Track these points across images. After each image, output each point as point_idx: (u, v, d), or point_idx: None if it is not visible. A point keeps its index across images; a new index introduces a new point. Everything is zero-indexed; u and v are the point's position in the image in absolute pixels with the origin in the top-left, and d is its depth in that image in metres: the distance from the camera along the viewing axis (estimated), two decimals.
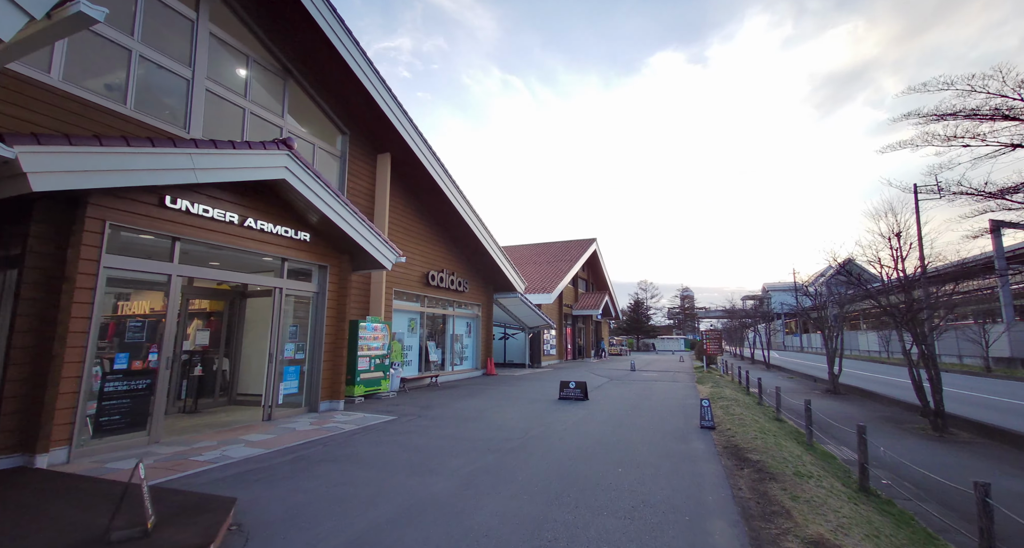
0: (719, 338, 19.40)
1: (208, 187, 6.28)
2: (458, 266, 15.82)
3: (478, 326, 17.30)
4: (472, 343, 17.12)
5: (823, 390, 15.44)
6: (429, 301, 14.46)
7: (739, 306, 50.45)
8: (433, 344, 14.79)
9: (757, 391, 12.05)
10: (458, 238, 15.68)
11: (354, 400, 9.57)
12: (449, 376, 14.99)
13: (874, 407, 12.33)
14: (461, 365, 16.30)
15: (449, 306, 15.68)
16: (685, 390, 12.81)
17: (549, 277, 24.62)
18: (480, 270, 17.16)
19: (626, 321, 61.48)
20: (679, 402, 10.40)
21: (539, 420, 7.90)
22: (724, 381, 16.08)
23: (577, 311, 28.82)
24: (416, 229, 13.68)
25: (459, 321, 16.32)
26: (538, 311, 19.98)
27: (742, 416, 8.24)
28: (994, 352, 28.51)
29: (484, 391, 12.07)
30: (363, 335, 10.05)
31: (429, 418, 7.93)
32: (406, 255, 12.86)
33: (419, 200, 13.81)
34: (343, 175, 10.91)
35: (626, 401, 10.45)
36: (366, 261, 9.02)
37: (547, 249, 30.64)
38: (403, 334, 13.22)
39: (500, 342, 23.59)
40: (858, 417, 10.90)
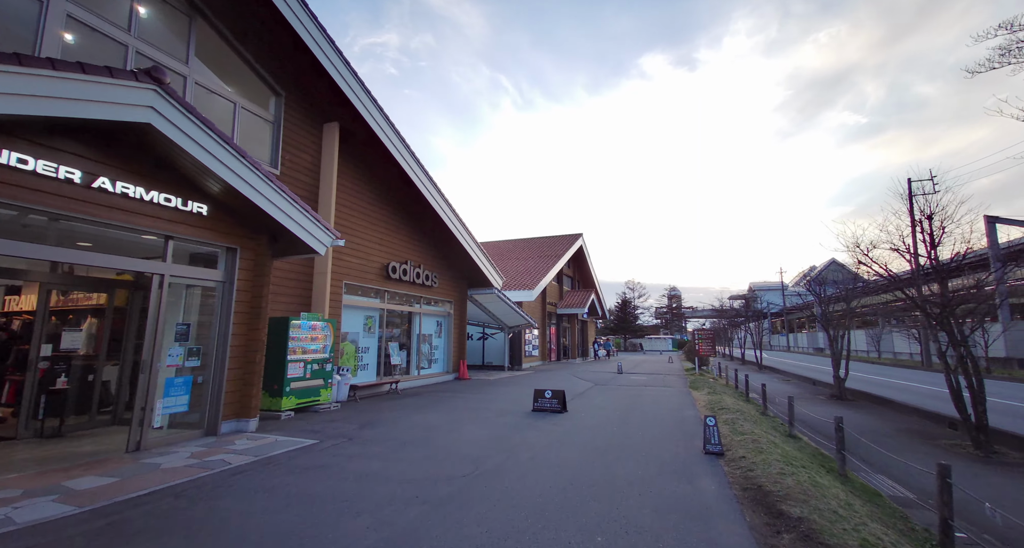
0: (712, 338, 17.86)
1: (25, 128, 4.42)
2: (426, 258, 14.02)
3: (450, 325, 15.50)
4: (443, 344, 15.32)
5: (828, 395, 13.95)
6: (391, 297, 12.65)
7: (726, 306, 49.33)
8: (396, 346, 12.97)
9: (761, 399, 10.45)
10: (426, 227, 13.89)
11: (280, 416, 7.73)
12: (414, 381, 13.18)
13: (891, 417, 10.82)
14: (429, 368, 14.50)
15: (415, 302, 13.87)
16: (679, 398, 11.17)
17: (531, 273, 22.91)
18: (452, 263, 15.38)
19: (614, 320, 60.12)
20: (674, 414, 8.74)
21: (500, 444, 6.16)
22: (719, 385, 14.52)
23: (562, 310, 27.17)
24: (375, 215, 11.85)
25: (427, 319, 14.51)
26: (518, 309, 18.25)
27: (754, 435, 6.59)
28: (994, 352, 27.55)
29: (448, 400, 10.30)
30: (296, 336, 8.21)
31: (361, 442, 6.14)
32: (361, 243, 11.05)
33: (379, 182, 11.99)
34: (276, 144, 9.05)
35: (612, 413, 8.76)
36: (293, 244, 7.19)
37: (530, 244, 28.94)
38: (358, 334, 11.39)
39: (478, 342, 21.82)
40: (879, 430, 9.36)
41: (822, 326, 13.26)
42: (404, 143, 11.44)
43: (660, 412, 8.93)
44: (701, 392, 12.05)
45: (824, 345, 54.14)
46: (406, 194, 12.69)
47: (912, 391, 14.59)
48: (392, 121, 11.01)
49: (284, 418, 7.76)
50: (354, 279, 10.93)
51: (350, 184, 11.03)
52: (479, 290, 16.29)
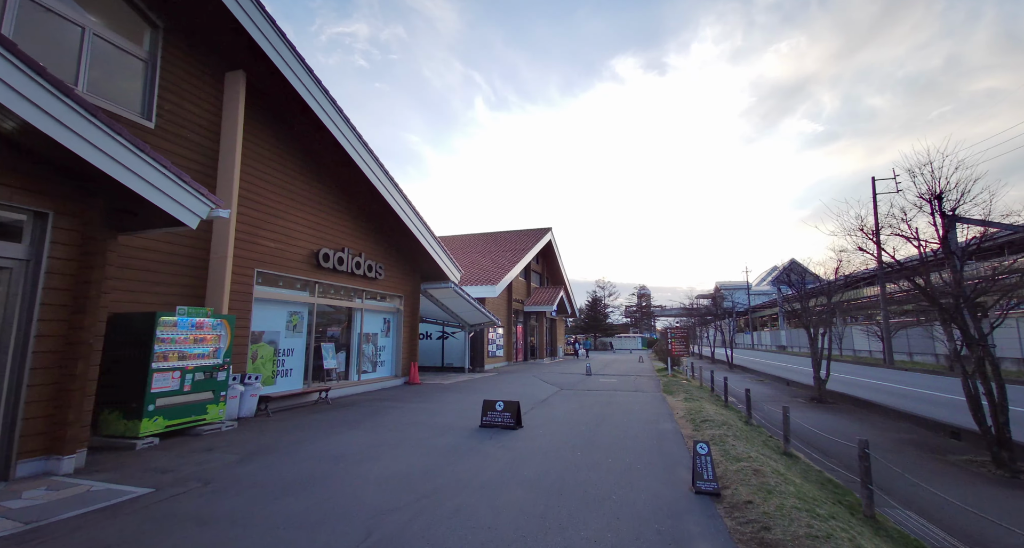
0: (685, 337, 16.64)
1: None
2: (370, 247, 12.12)
3: (399, 323, 13.63)
4: (391, 344, 13.44)
5: (807, 398, 12.87)
6: (324, 290, 10.70)
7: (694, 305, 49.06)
8: (331, 347, 11.03)
9: (745, 408, 9.11)
10: (371, 212, 11.99)
11: (135, 445, 5.74)
12: (352, 388, 11.26)
13: (881, 424, 9.69)
14: (374, 372, 12.60)
15: (357, 297, 11.95)
16: (654, 405, 9.71)
17: (495, 268, 21.22)
18: (402, 254, 13.51)
19: (584, 319, 59.20)
20: (650, 429, 7.23)
21: (423, 483, 4.44)
22: (694, 388, 13.24)
23: (529, 307, 25.62)
24: (303, 193, 9.89)
25: (372, 316, 12.61)
26: (479, 306, 16.54)
27: (752, 462, 5.11)
28: (941, 350, 27.71)
29: (385, 412, 8.49)
30: (168, 336, 6.23)
31: (219, 489, 4.29)
32: (283, 224, 9.10)
33: (310, 157, 10.03)
34: (150, 89, 7.01)
35: (575, 429, 7.16)
36: (150, 214, 5.25)
37: (496, 239, 27.26)
38: (278, 334, 9.42)
39: (437, 342, 19.98)
40: (876, 442, 8.11)
41: (802, 323, 12.09)
42: (339, 112, 9.53)
43: (633, 426, 7.39)
44: (677, 398, 10.65)
45: (786, 343, 54.82)
46: (346, 174, 10.77)
47: (890, 392, 13.71)
48: (324, 85, 9.09)
49: (142, 447, 5.79)
50: (271, 267, 8.96)
51: (269, 154, 9.05)
52: (434, 284, 14.48)
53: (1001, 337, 23.55)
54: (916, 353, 30.55)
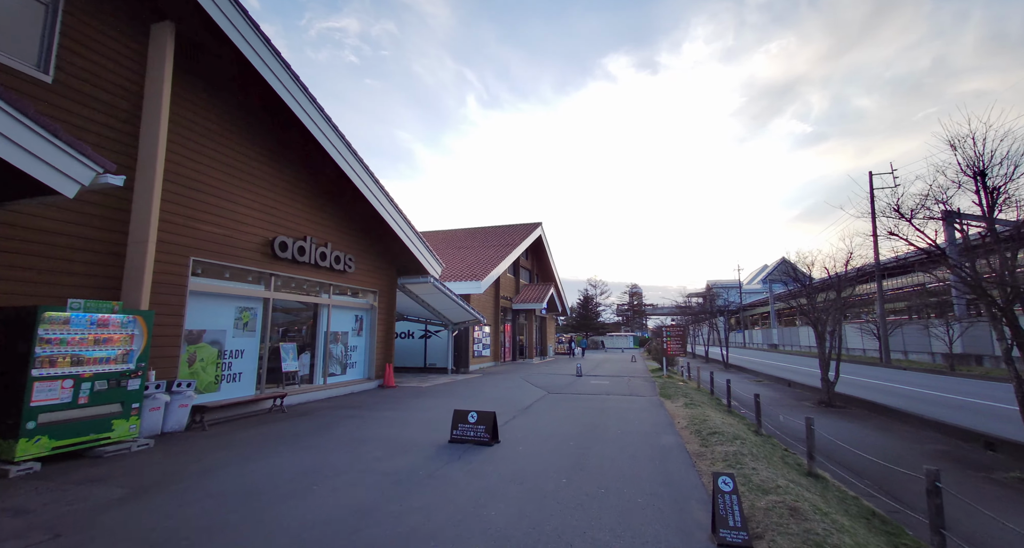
0: (682, 336, 15.59)
1: None
2: (337, 236, 10.88)
3: (372, 321, 12.40)
4: (363, 344, 12.21)
5: (815, 402, 11.85)
6: (283, 283, 9.46)
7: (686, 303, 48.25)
8: (292, 347, 9.79)
9: (754, 416, 8.03)
10: (340, 199, 10.75)
11: (8, 472, 4.50)
12: (317, 394, 10.03)
13: (903, 432, 8.67)
14: (344, 375, 11.36)
15: (323, 292, 10.71)
16: (651, 413, 8.60)
17: (481, 263, 20.04)
18: (376, 245, 12.29)
19: (576, 318, 58.19)
20: (650, 444, 6.10)
21: (346, 541, 3.26)
22: (693, 391, 12.18)
23: (518, 305, 24.46)
24: (255, 172, 8.63)
25: (341, 313, 11.37)
26: (462, 303, 15.35)
27: (783, 494, 4.00)
28: (937, 348, 27.00)
29: (343, 424, 7.28)
30: (55, 336, 4.98)
31: None
32: (228, 206, 7.86)
33: (263, 132, 8.77)
34: (49, 37, 5.74)
35: (561, 447, 6.01)
36: (14, 180, 4.01)
37: (483, 234, 26.06)
38: (224, 333, 8.16)
39: (419, 342, 18.76)
40: (905, 455, 7.08)
41: (809, 320, 11.06)
42: (296, 79, 8.29)
43: (630, 441, 6.26)
44: (676, 403, 9.55)
45: (778, 341, 54.27)
46: (308, 155, 9.54)
47: (898, 393, 12.76)
48: (275, 46, 7.85)
49: (17, 474, 4.54)
50: (214, 255, 7.71)
51: (213, 126, 7.78)
52: (412, 278, 13.26)
53: None
54: (911, 351, 29.89)
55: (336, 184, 10.38)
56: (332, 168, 9.83)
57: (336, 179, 10.18)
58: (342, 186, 10.39)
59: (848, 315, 51.14)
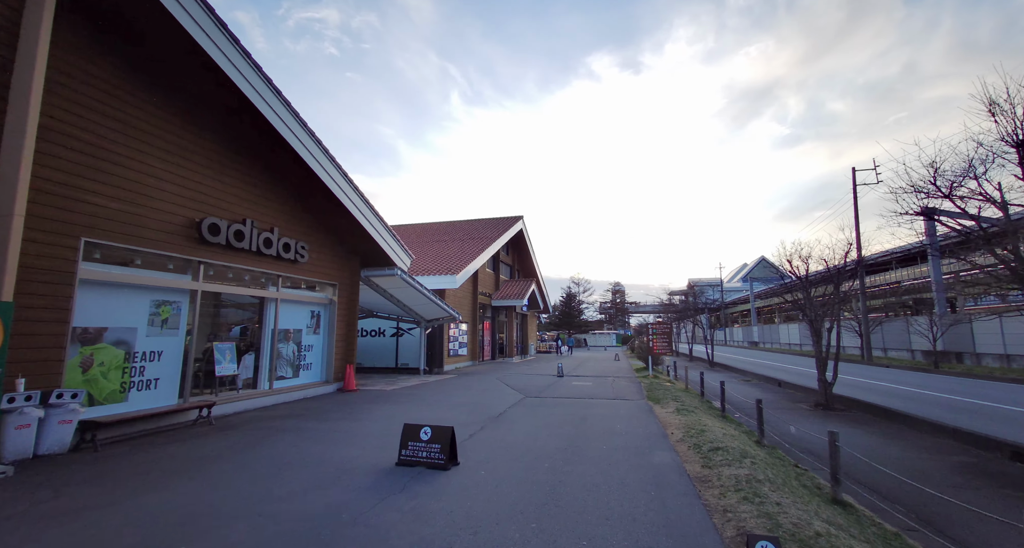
0: (668, 333, 14.64)
1: None
2: (287, 221, 9.53)
3: (331, 317, 11.07)
4: (320, 343, 10.87)
5: (811, 404, 10.99)
6: (216, 273, 8.09)
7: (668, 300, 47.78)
8: (227, 348, 8.42)
9: (758, 426, 7.01)
10: (290, 178, 9.40)
11: None
12: (260, 400, 8.68)
13: (917, 440, 7.80)
14: (295, 378, 10.02)
15: (269, 283, 9.36)
16: (640, 421, 7.52)
17: (457, 257, 18.80)
18: (335, 233, 10.96)
19: (558, 316, 57.32)
20: (642, 465, 5.00)
21: None
22: (681, 392, 11.20)
23: (498, 301, 23.28)
24: (174, 141, 7.24)
25: (292, 309, 10.02)
26: (435, 298, 14.10)
27: (819, 538, 2.93)
28: (917, 345, 26.83)
29: (269, 442, 6.00)
30: None
31: None
32: (136, 177, 6.47)
33: (182, 93, 7.37)
34: None
35: (533, 471, 4.86)
36: None
37: (461, 227, 24.81)
38: (135, 331, 6.77)
39: (390, 340, 17.43)
40: (927, 468, 6.16)
41: (806, 317, 10.17)
42: (224, 30, 6.94)
43: (618, 462, 5.15)
44: (667, 408, 8.51)
45: (759, 339, 54.33)
46: (248, 125, 8.17)
47: (897, 395, 12.02)
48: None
49: None
50: (116, 237, 6.32)
51: (114, 80, 6.38)
52: (377, 271, 11.95)
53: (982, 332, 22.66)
54: (891, 349, 29.74)
55: (285, 162, 9.03)
56: (278, 143, 8.49)
57: (284, 156, 8.83)
58: (292, 164, 9.05)
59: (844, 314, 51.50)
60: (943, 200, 5.70)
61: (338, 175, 9.69)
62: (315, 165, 9.05)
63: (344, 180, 9.86)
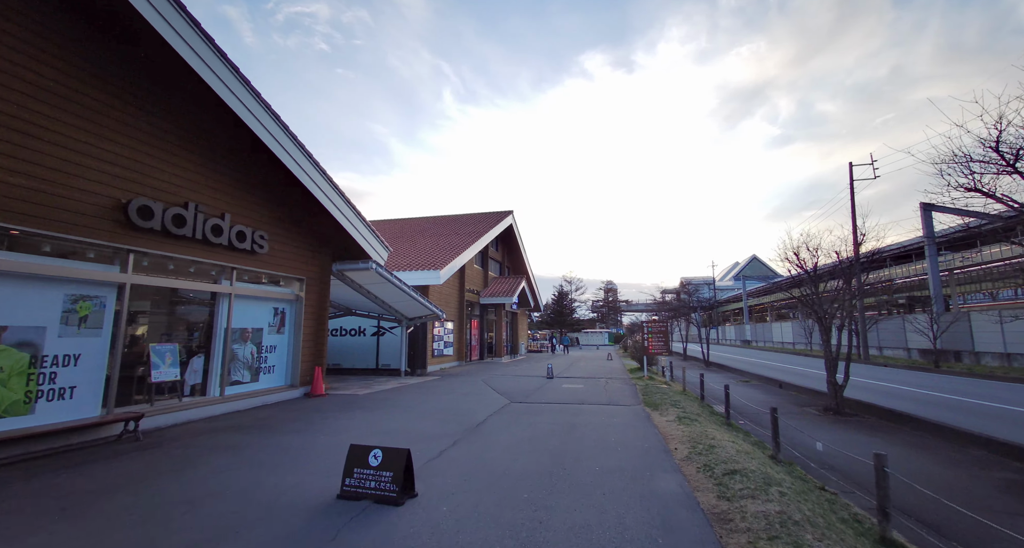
0: (664, 332, 13.74)
1: None
2: (244, 207, 8.46)
3: (297, 314, 10.01)
4: (284, 344, 9.81)
5: (820, 408, 10.14)
6: (152, 264, 7.02)
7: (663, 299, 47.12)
8: (167, 350, 7.34)
9: (773, 440, 6.09)
10: (245, 159, 8.33)
11: None
12: (209, 409, 7.61)
13: (945, 450, 6.94)
14: (255, 383, 8.96)
15: (222, 277, 8.29)
16: (638, 432, 6.56)
17: (442, 251, 17.77)
18: (302, 222, 9.90)
19: (550, 314, 56.39)
20: (643, 495, 4.03)
21: None
22: (678, 395, 10.28)
23: (486, 299, 22.28)
24: (93, 106, 6.15)
25: (251, 305, 8.95)
26: (416, 295, 13.07)
27: None
28: (914, 344, 26.30)
29: (202, 463, 4.97)
30: None
31: None
32: (37, 146, 5.38)
33: (107, 53, 6.29)
34: None
35: (508, 505, 3.87)
36: None
37: (449, 222, 23.78)
38: (43, 331, 5.69)
39: (371, 340, 16.37)
40: (972, 489, 5.27)
41: (815, 314, 9.29)
42: None
43: (612, 491, 4.18)
44: (666, 416, 7.58)
45: (751, 337, 53.85)
46: (192, 95, 7.09)
47: (908, 397, 11.22)
48: None
49: None
50: (15, 219, 5.23)
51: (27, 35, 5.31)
52: (350, 264, 10.90)
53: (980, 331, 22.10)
54: (886, 347, 29.20)
55: (238, 140, 7.98)
56: (237, 123, 7.43)
57: (242, 137, 7.77)
58: (250, 146, 8.00)
59: None
60: (999, 176, 4.78)
61: (303, 158, 8.64)
62: (275, 146, 8.00)
63: (310, 163, 8.81)
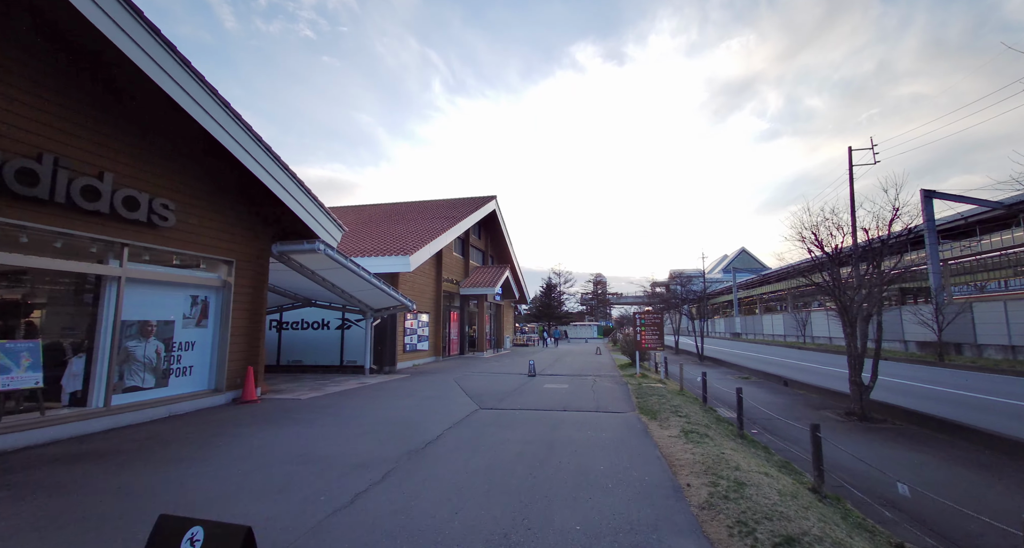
0: (659, 325, 12.18)
1: None
2: (139, 168, 6.62)
3: (224, 305, 8.23)
4: (208, 339, 8.03)
5: (843, 412, 8.67)
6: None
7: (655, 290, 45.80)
8: (26, 348, 5.53)
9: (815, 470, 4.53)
10: (139, 106, 6.49)
11: None
12: (85, 424, 5.83)
13: (1011, 469, 5.47)
14: (162, 388, 7.18)
15: (110, 256, 6.47)
16: (634, 455, 4.95)
17: (413, 237, 16.00)
18: (230, 193, 8.09)
19: (538, 307, 54.90)
20: None
21: None
22: (675, 395, 8.74)
23: (467, 289, 20.58)
24: None
25: (156, 292, 7.15)
26: (380, 283, 11.32)
27: None
28: (911, 336, 25.30)
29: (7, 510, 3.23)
30: None
31: None
32: None
33: None
34: None
35: None
36: None
37: (424, 208, 21.97)
38: None
39: (335, 334, 14.61)
40: None
41: (839, 304, 7.77)
42: None
43: None
44: (668, 429, 5.99)
45: (741, 330, 52.93)
46: (50, 20, 5.25)
47: (929, 396, 9.84)
48: None
49: None
50: None
51: None
52: (293, 245, 9.10)
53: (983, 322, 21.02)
54: (884, 339, 28.20)
55: (132, 85, 6.13)
56: (120, 58, 5.59)
57: (129, 74, 5.92)
58: (140, 85, 6.15)
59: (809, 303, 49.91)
60: None
61: (220, 111, 6.82)
62: (176, 91, 6.17)
63: (229, 117, 6.99)
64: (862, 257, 8.27)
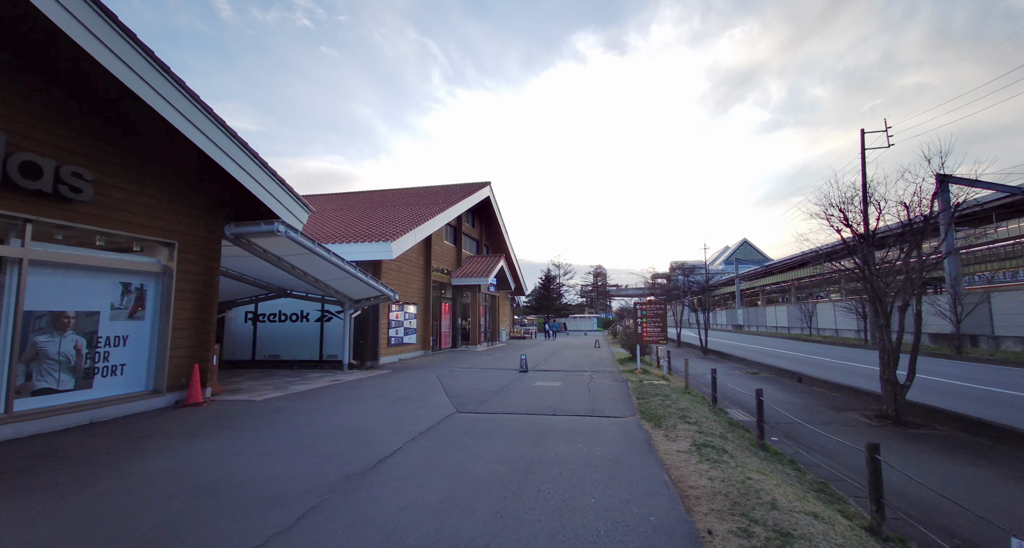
0: (662, 316, 11.07)
1: None
2: (43, 128, 5.49)
3: (165, 293, 7.14)
4: (145, 333, 6.95)
5: (874, 415, 7.58)
6: None
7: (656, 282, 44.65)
8: None
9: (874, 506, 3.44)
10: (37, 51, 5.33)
11: None
12: None
13: None
14: (85, 390, 6.12)
15: (10, 234, 5.37)
16: (633, 480, 3.86)
17: (398, 223, 14.85)
18: (173, 163, 6.96)
19: (536, 299, 53.85)
20: None
21: None
22: (680, 394, 7.67)
23: (459, 280, 19.47)
24: None
25: (73, 279, 6.06)
26: (357, 271, 10.22)
27: None
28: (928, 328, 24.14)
29: None
30: None
31: None
32: None
33: None
34: None
35: None
36: None
37: (413, 194, 20.80)
38: None
39: (314, 326, 13.53)
40: None
41: (872, 291, 6.63)
42: None
43: None
44: (676, 442, 4.91)
45: (743, 322, 51.81)
46: None
47: (965, 395, 8.75)
48: None
49: None
50: None
51: None
52: (249, 226, 7.96)
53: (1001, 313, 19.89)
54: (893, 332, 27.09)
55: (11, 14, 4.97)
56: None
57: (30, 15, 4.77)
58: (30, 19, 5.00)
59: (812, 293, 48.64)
60: None
61: (131, 51, 5.65)
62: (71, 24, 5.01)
63: (146, 61, 5.83)
64: (900, 237, 7.14)
